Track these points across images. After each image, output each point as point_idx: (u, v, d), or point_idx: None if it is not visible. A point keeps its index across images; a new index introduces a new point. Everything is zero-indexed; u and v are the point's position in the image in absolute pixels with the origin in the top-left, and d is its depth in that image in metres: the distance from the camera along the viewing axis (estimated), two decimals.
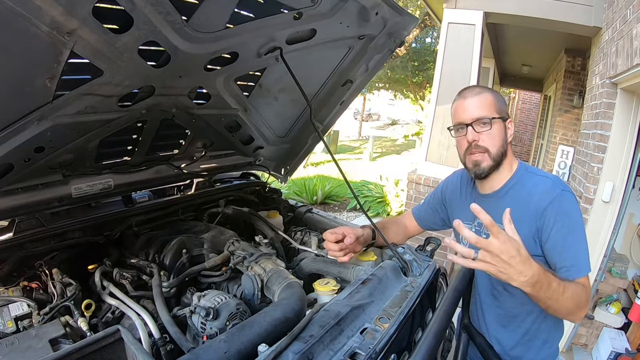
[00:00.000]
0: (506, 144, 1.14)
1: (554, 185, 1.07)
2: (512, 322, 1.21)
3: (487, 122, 1.10)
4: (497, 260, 0.83)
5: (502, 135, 1.12)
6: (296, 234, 1.88)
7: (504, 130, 1.13)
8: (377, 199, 6.15)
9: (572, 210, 1.05)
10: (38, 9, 0.75)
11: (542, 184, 1.09)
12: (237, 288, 1.37)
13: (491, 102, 1.12)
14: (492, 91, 1.16)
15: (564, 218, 1.03)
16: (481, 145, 1.11)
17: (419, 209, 1.53)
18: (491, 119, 1.10)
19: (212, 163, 2.05)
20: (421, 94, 11.79)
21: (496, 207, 1.13)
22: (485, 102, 1.12)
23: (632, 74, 2.13)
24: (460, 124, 1.14)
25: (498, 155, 1.12)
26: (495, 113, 1.11)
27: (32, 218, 1.41)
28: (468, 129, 1.12)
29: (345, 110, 2.14)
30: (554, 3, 3.21)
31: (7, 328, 1.07)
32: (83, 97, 1.10)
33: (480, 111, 1.10)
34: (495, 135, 1.11)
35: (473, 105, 1.12)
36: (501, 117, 1.12)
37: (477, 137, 1.11)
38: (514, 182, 1.14)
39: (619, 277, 2.82)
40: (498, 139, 1.11)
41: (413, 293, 1.26)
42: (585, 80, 3.84)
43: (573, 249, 1.02)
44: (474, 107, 1.11)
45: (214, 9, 1.05)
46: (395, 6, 1.41)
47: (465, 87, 1.19)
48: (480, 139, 1.11)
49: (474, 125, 1.11)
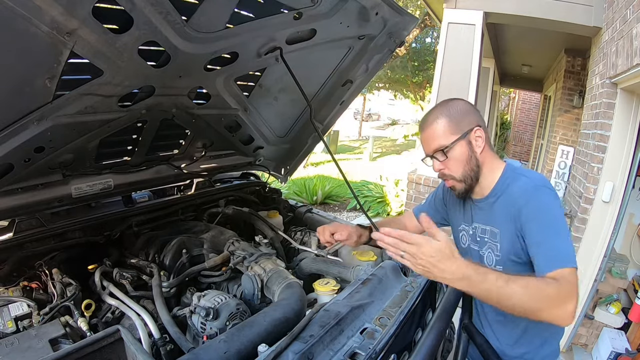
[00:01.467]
0: (474, 158, 1.12)
1: (532, 183, 1.07)
2: (511, 321, 1.21)
3: (446, 149, 1.10)
4: (418, 260, 0.89)
5: (466, 154, 1.11)
6: (296, 234, 1.89)
7: (468, 147, 1.11)
8: (377, 199, 6.14)
9: (549, 204, 1.03)
10: (38, 9, 0.75)
11: (523, 184, 1.09)
12: (237, 288, 1.37)
13: (444, 128, 1.10)
14: (446, 112, 1.13)
15: (541, 213, 1.02)
16: (447, 174, 1.14)
17: (420, 209, 1.53)
18: (448, 146, 1.10)
19: (212, 163, 2.05)
20: (421, 94, 11.80)
21: (489, 212, 1.15)
22: (438, 131, 1.11)
23: (632, 74, 2.13)
24: (426, 155, 1.18)
25: (468, 177, 1.13)
26: (452, 136, 1.10)
27: (32, 218, 1.41)
28: (433, 160, 1.15)
29: (345, 110, 2.14)
30: (554, 3, 3.21)
31: (7, 328, 1.07)
32: (83, 97, 1.10)
33: (436, 142, 1.11)
34: (457, 160, 1.11)
35: (428, 137, 1.13)
36: (460, 137, 1.10)
37: (442, 166, 1.13)
38: (506, 186, 1.13)
39: (619, 277, 2.82)
40: (461, 161, 1.12)
41: (413, 293, 1.26)
42: (585, 80, 3.84)
43: (549, 241, 0.99)
44: (430, 139, 1.13)
45: (214, 9, 1.05)
46: (395, 6, 1.41)
47: (424, 114, 1.21)
48: (445, 167, 1.13)
49: (436, 155, 1.13)
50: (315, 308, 1.09)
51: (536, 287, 0.89)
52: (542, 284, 0.90)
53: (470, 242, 1.24)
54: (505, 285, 0.87)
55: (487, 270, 0.90)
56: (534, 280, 0.91)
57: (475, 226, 1.21)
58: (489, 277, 0.88)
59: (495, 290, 0.87)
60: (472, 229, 1.22)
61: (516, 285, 0.87)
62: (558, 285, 0.90)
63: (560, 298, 0.88)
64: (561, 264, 0.94)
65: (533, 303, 0.88)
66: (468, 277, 0.88)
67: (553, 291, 0.88)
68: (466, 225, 1.25)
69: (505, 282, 0.87)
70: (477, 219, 1.20)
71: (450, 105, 1.15)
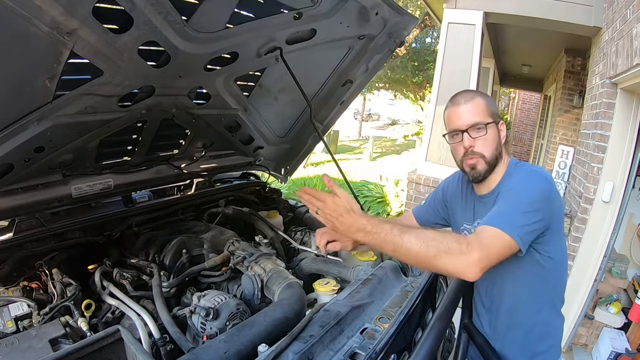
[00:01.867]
0: (500, 146, 1.15)
1: (528, 169, 1.11)
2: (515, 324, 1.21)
3: (481, 127, 1.10)
4: (326, 215, 0.96)
5: (497, 139, 1.14)
6: (296, 234, 1.88)
7: (498, 134, 1.14)
8: (377, 199, 6.14)
9: (527, 182, 1.05)
10: (38, 9, 0.75)
11: (520, 172, 1.12)
12: (237, 288, 1.37)
13: (484, 107, 1.12)
14: (484, 95, 1.16)
15: (514, 188, 1.05)
16: (477, 151, 1.12)
17: (419, 209, 1.53)
18: (486, 125, 1.11)
19: (212, 163, 2.05)
20: (421, 94, 11.79)
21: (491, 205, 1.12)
22: (478, 107, 1.12)
23: (632, 74, 2.13)
24: (455, 130, 1.15)
25: (493, 159, 1.13)
26: (489, 118, 1.12)
27: (32, 218, 1.41)
28: (464, 135, 1.12)
29: (345, 110, 2.14)
30: (554, 3, 3.21)
31: (7, 328, 1.07)
32: (83, 97, 1.10)
33: (474, 117, 1.11)
34: (490, 140, 1.12)
35: (467, 111, 1.12)
36: (494, 121, 1.13)
37: (473, 143, 1.12)
38: (506, 180, 1.16)
39: (619, 277, 2.81)
40: (493, 143, 1.12)
41: (413, 293, 1.26)
42: (585, 80, 3.84)
43: (501, 206, 1.01)
44: (468, 114, 1.12)
45: (214, 9, 1.05)
46: (395, 6, 1.41)
47: (456, 92, 1.20)
48: (476, 145, 1.12)
49: (470, 131, 1.11)
50: (315, 308, 1.09)
51: (432, 237, 0.91)
52: (439, 234, 0.93)
53: None
54: (400, 234, 0.91)
55: (382, 221, 0.96)
56: (431, 232, 0.95)
57: (477, 224, 1.21)
58: (384, 227, 0.93)
59: (391, 240, 0.91)
60: (474, 228, 1.22)
61: (410, 235, 0.91)
62: (462, 237, 0.94)
63: (460, 248, 0.88)
64: (492, 223, 0.96)
65: (426, 249, 0.89)
66: (363, 228, 0.93)
67: (451, 241, 0.90)
68: (468, 224, 1.25)
69: (399, 231, 0.92)
70: (480, 215, 1.19)
71: (483, 93, 1.18)
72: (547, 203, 1.02)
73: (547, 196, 1.03)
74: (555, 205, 1.06)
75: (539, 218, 0.99)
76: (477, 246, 0.89)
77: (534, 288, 1.12)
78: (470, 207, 1.25)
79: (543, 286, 1.13)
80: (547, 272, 1.09)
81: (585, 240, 2.62)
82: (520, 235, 0.94)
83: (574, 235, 2.68)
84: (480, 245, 0.90)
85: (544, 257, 1.07)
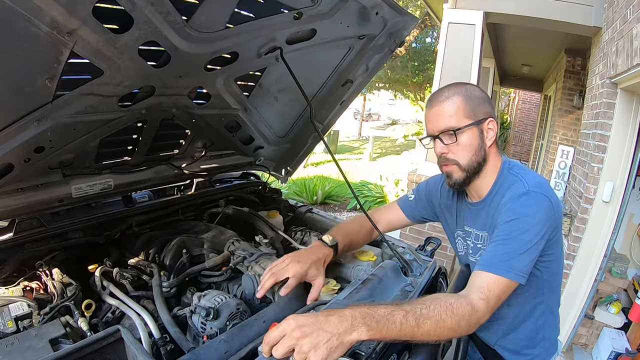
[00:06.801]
0: (482, 149, 1.03)
1: (523, 189, 0.98)
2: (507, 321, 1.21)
3: (452, 133, 1.00)
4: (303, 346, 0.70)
5: (475, 143, 1.02)
6: (296, 234, 1.88)
7: (478, 136, 1.02)
8: (377, 199, 6.15)
9: (525, 211, 0.94)
10: (38, 9, 0.75)
11: (514, 185, 1.01)
12: (237, 288, 1.37)
13: (459, 108, 1.00)
14: (463, 92, 1.03)
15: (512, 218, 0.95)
16: (450, 158, 1.04)
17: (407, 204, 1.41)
18: (457, 130, 0.99)
19: (212, 163, 2.05)
20: (421, 94, 11.80)
21: (485, 217, 1.09)
22: (451, 109, 1.00)
23: (632, 74, 2.13)
24: (428, 135, 1.06)
25: (471, 166, 1.03)
26: (466, 119, 1.00)
27: (32, 218, 1.41)
28: (436, 141, 1.03)
29: (345, 110, 2.14)
30: (554, 3, 3.22)
31: (7, 328, 1.07)
32: (83, 97, 1.10)
33: (445, 121, 1.00)
34: (466, 146, 1.01)
35: (439, 114, 1.02)
36: (474, 123, 1.01)
37: (445, 149, 1.03)
38: (498, 187, 1.06)
39: (619, 277, 2.82)
40: (469, 149, 1.02)
41: (413, 293, 1.26)
42: (585, 80, 3.85)
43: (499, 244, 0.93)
44: (439, 118, 1.02)
45: (214, 9, 1.05)
46: (395, 6, 1.41)
47: (436, 90, 1.08)
48: (449, 151, 1.03)
49: (442, 137, 1.02)
50: (315, 308, 1.09)
51: (439, 318, 0.80)
52: (443, 309, 0.82)
53: (465, 249, 1.22)
54: (416, 324, 0.77)
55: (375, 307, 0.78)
56: (433, 310, 0.81)
57: (465, 231, 1.18)
58: (395, 316, 0.77)
59: (408, 332, 0.77)
60: (467, 235, 1.19)
61: (424, 325, 0.79)
62: (463, 299, 0.86)
63: (469, 311, 0.84)
64: (492, 270, 0.90)
65: (440, 332, 0.81)
66: (363, 319, 0.74)
67: (458, 306, 0.83)
68: (461, 231, 1.22)
69: (406, 319, 0.77)
70: (472, 224, 1.16)
71: (467, 88, 1.05)
72: (548, 223, 0.95)
73: (548, 216, 0.96)
74: (556, 218, 0.99)
75: (539, 247, 0.94)
76: (482, 300, 0.88)
77: (529, 291, 1.10)
78: (462, 215, 1.21)
79: (539, 289, 1.11)
80: (543, 276, 1.08)
81: (585, 240, 2.62)
82: (520, 274, 0.91)
83: (574, 235, 2.68)
84: (484, 297, 0.88)
85: (541, 266, 1.05)
